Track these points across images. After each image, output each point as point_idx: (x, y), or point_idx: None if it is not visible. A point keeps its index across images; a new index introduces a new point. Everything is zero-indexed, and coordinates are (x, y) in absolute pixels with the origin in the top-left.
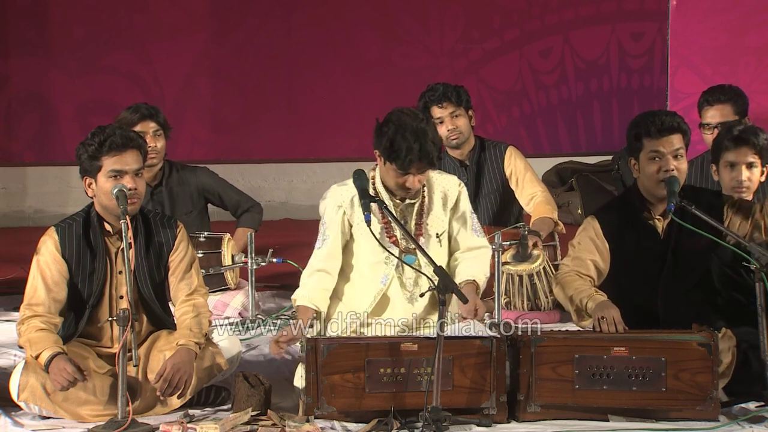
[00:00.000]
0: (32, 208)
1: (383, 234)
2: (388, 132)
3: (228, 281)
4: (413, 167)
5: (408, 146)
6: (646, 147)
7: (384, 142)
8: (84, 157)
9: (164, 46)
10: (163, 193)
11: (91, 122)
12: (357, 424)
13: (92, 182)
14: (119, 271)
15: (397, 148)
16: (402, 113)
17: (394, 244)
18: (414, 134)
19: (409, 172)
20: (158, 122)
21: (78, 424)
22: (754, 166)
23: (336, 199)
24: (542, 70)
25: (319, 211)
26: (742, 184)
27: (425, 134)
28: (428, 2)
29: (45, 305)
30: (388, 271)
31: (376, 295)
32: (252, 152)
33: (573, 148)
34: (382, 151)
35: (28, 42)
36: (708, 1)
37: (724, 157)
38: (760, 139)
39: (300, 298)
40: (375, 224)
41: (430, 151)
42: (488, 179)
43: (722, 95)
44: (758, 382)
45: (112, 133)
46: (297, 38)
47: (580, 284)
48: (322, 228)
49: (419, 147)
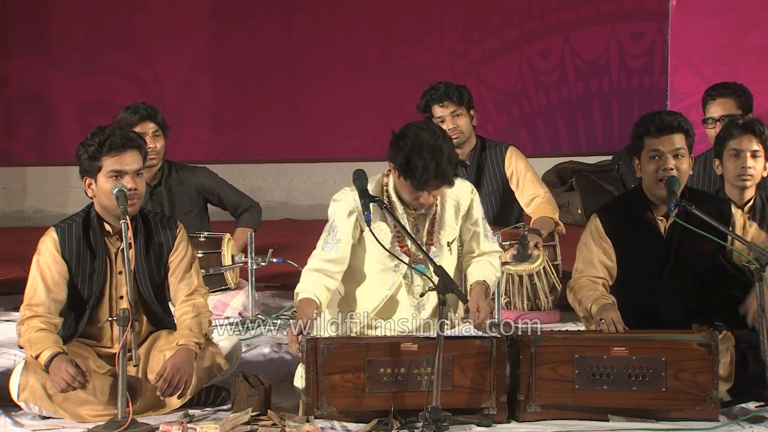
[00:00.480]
0: (32, 208)
1: (394, 242)
2: (404, 148)
3: (228, 281)
4: (429, 186)
5: (424, 165)
6: (646, 146)
7: (400, 159)
8: (84, 157)
9: (164, 46)
10: (163, 193)
11: (91, 122)
12: (357, 424)
13: (92, 182)
14: (119, 272)
15: (413, 167)
16: (420, 129)
17: (406, 254)
18: (431, 152)
19: (424, 190)
20: (157, 123)
21: (78, 424)
22: (758, 155)
23: (349, 204)
24: (542, 70)
25: (328, 213)
26: (746, 171)
27: (441, 152)
28: (428, 2)
29: (45, 305)
30: (396, 279)
31: (383, 299)
32: (252, 152)
33: (573, 148)
34: (397, 166)
35: (28, 42)
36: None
37: (729, 146)
38: (766, 130)
39: (303, 291)
40: (387, 232)
41: (447, 171)
42: (489, 179)
43: (726, 89)
44: (757, 382)
45: (111, 133)
46: (297, 38)
47: (588, 290)
48: (332, 231)
49: (435, 165)
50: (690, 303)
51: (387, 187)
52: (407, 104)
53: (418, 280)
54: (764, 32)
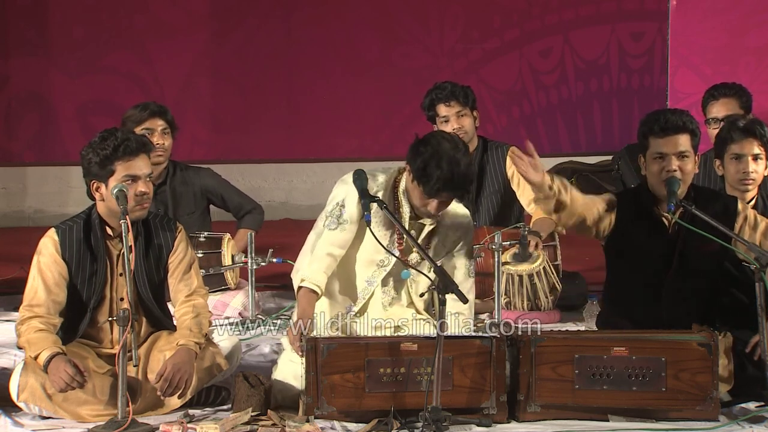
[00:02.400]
0: (32, 208)
1: (393, 240)
2: (424, 153)
3: (228, 281)
4: (441, 195)
5: (440, 174)
6: (651, 146)
7: (418, 163)
8: (94, 160)
9: (164, 46)
10: (167, 193)
11: (91, 122)
12: (357, 424)
13: (100, 186)
14: (120, 274)
15: (429, 173)
16: (443, 138)
17: (400, 252)
18: (449, 163)
19: (434, 198)
20: (167, 120)
21: (78, 424)
22: (759, 158)
23: None
24: (542, 70)
25: (333, 193)
26: (748, 175)
27: (459, 165)
28: (428, 2)
29: (45, 306)
30: (378, 275)
31: (365, 296)
32: (252, 152)
33: (573, 148)
34: (414, 169)
35: (28, 42)
36: (708, 1)
37: (730, 150)
38: (767, 132)
39: (308, 279)
40: (382, 229)
41: (460, 184)
42: (490, 180)
43: (728, 90)
44: (757, 382)
45: (126, 137)
46: (297, 38)
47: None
48: (342, 211)
49: (451, 176)
50: (693, 304)
51: (399, 185)
52: (407, 104)
53: (395, 281)
54: (764, 32)
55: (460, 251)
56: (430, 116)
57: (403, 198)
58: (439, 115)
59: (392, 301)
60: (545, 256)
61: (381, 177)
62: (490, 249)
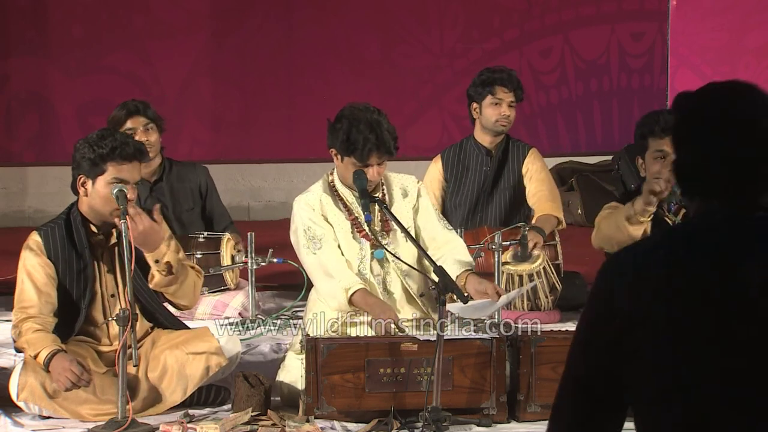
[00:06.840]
0: (32, 208)
1: (354, 230)
2: (342, 127)
3: (228, 281)
4: (372, 157)
5: (365, 137)
6: (651, 147)
7: (340, 137)
8: (88, 156)
9: (164, 46)
10: (164, 189)
11: (91, 122)
12: (357, 424)
13: (87, 182)
14: (107, 270)
15: (354, 141)
16: (354, 108)
17: (365, 238)
18: (369, 125)
19: (368, 164)
20: (147, 116)
21: (78, 424)
22: None
23: (307, 203)
24: (542, 70)
25: (293, 232)
26: None
27: (380, 124)
28: (428, 2)
29: (37, 307)
30: (364, 265)
31: None
32: (252, 152)
33: (573, 148)
34: (338, 146)
35: (28, 42)
36: (708, 1)
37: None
38: None
39: (351, 284)
40: (344, 220)
41: (387, 140)
42: (507, 174)
43: None
44: None
45: (125, 142)
46: (297, 38)
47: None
48: (310, 234)
49: (375, 137)
50: None
51: (333, 183)
52: (407, 104)
53: (376, 269)
54: (764, 32)
55: (423, 202)
56: (482, 93)
57: (342, 188)
58: (494, 95)
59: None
60: (545, 255)
61: (314, 186)
62: (490, 249)
